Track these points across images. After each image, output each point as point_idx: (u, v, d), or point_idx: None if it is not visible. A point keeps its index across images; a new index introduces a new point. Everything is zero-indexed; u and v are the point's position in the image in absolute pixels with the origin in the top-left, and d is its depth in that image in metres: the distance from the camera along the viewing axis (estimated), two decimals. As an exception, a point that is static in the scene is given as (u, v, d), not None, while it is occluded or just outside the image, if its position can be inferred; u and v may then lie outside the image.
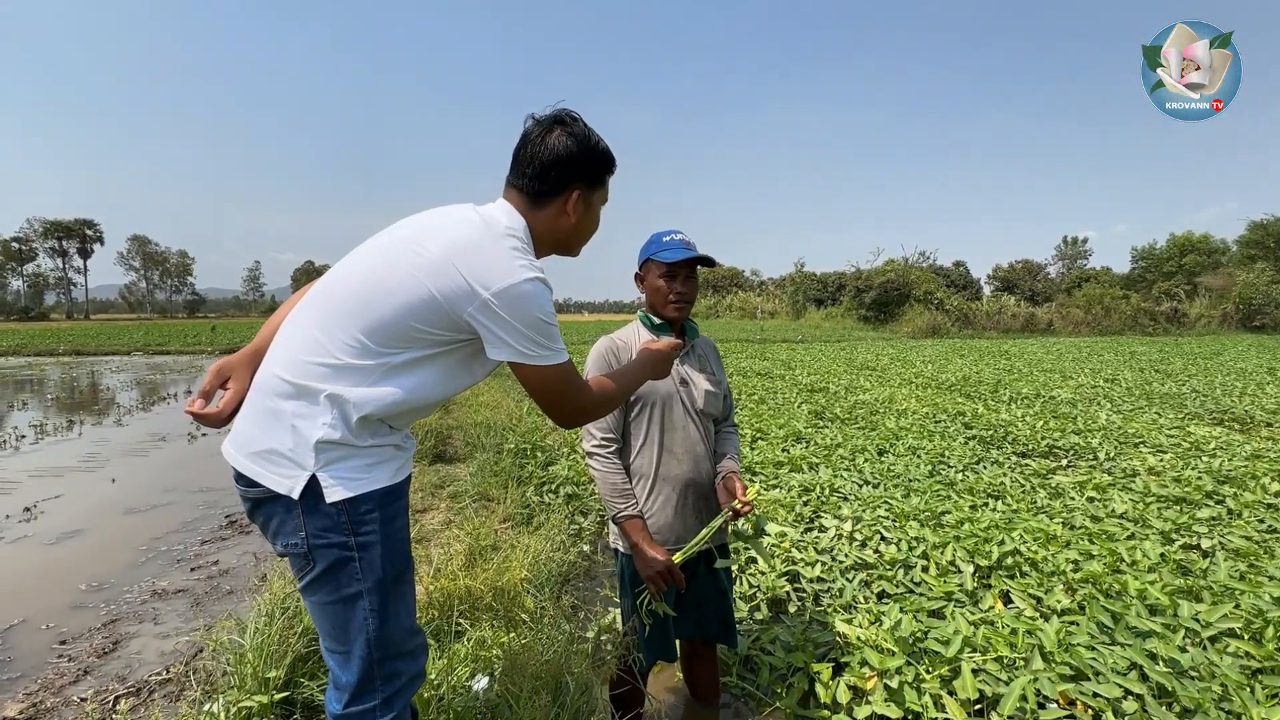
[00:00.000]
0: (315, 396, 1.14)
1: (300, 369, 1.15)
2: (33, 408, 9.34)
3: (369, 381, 1.15)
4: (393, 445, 1.23)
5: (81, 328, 37.84)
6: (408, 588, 1.27)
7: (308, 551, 1.16)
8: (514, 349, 1.17)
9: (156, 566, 3.39)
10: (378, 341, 1.15)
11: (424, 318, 1.16)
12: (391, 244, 1.22)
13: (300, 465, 1.13)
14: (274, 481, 1.14)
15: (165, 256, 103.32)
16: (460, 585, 2.26)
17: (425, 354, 1.20)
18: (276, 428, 1.15)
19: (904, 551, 3.04)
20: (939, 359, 14.04)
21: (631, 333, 1.85)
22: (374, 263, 1.21)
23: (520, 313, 1.15)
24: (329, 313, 1.19)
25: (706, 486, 1.86)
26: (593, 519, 3.77)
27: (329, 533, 1.15)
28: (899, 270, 30.41)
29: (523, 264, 1.17)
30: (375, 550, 1.18)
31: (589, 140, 1.30)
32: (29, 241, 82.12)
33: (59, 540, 3.80)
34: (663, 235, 1.82)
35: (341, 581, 1.18)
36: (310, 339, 1.18)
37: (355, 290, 1.18)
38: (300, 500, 1.14)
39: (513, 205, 1.30)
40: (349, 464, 1.16)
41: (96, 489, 4.95)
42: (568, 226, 1.33)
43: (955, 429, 6.07)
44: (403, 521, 1.26)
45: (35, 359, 18.47)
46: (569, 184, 1.29)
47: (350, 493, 1.15)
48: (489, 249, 1.17)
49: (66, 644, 2.59)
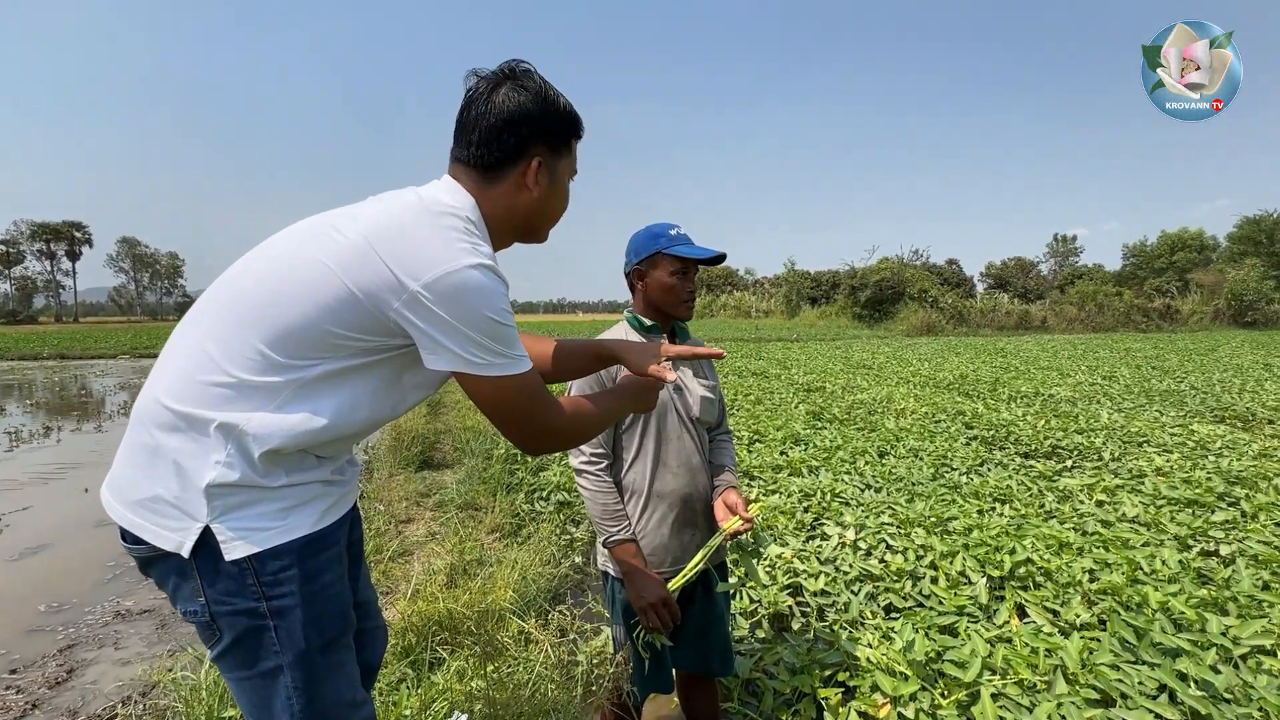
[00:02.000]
0: (205, 427, 0.89)
1: (187, 392, 0.91)
2: (10, 413, 9.10)
3: (274, 404, 0.91)
4: (319, 481, 0.99)
5: (69, 331, 37.37)
6: (345, 655, 1.03)
7: (210, 620, 0.93)
8: (455, 355, 0.92)
9: (123, 584, 3.21)
10: (285, 353, 0.91)
11: (342, 319, 0.91)
12: (303, 230, 0.99)
13: (190, 515, 0.89)
14: (158, 536, 0.90)
15: (155, 259, 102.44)
16: (440, 608, 2.09)
17: (347, 365, 0.95)
18: (158, 468, 0.90)
19: (911, 561, 2.89)
20: (935, 357, 13.95)
21: (620, 334, 1.70)
22: (280, 253, 0.96)
23: (462, 309, 0.91)
24: (224, 319, 0.94)
25: (704, 501, 1.70)
26: (585, 528, 3.61)
27: (233, 597, 0.91)
28: (893, 268, 30.38)
29: (464, 247, 0.93)
30: (294, 615, 0.94)
31: (547, 95, 1.05)
32: (16, 244, 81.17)
33: (21, 556, 3.61)
34: (668, 228, 1.66)
35: (256, 655, 0.94)
36: (200, 353, 0.93)
37: (256, 288, 0.94)
38: (193, 559, 0.90)
39: (459, 182, 1.05)
40: (254, 510, 0.91)
41: (68, 500, 4.75)
42: (530, 203, 1.08)
43: (956, 429, 5.94)
44: (334, 575, 1.00)
45: (18, 363, 18.14)
46: (527, 148, 1.04)
47: (256, 547, 0.91)
48: (420, 230, 0.93)
49: (17, 673, 2.41)
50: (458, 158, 1.07)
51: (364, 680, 1.17)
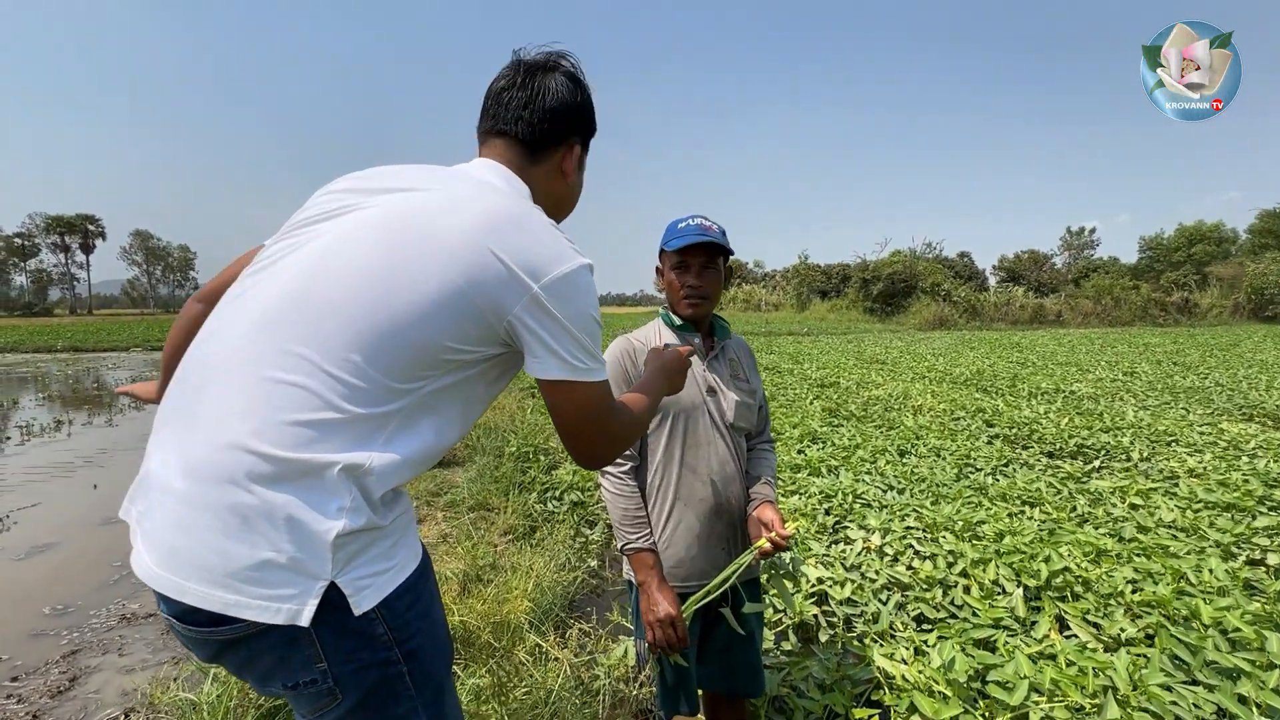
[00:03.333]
0: (321, 473, 0.75)
1: (290, 436, 0.75)
2: (23, 407, 9.12)
3: (385, 435, 0.80)
4: (406, 511, 0.89)
5: (83, 324, 37.69)
6: (452, 678, 0.97)
7: (332, 685, 0.80)
8: (564, 362, 0.85)
9: (129, 586, 3.14)
10: (403, 377, 0.80)
11: (460, 331, 0.82)
12: (390, 221, 0.84)
13: (310, 576, 0.75)
14: (264, 610, 0.74)
15: (167, 251, 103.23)
16: (454, 620, 2.00)
17: (448, 383, 0.85)
18: (262, 529, 0.74)
19: (941, 569, 2.77)
20: (949, 352, 13.75)
21: (651, 333, 1.59)
22: (373, 253, 0.81)
23: (574, 311, 0.86)
24: (320, 344, 0.78)
25: (735, 514, 1.59)
26: (600, 530, 3.51)
27: (362, 652, 0.80)
28: (906, 262, 30.05)
29: (568, 244, 0.88)
30: (426, 652, 0.86)
31: (587, 88, 1.08)
32: (31, 237, 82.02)
33: (28, 555, 3.56)
34: (678, 222, 1.56)
35: (386, 706, 0.84)
36: (293, 391, 0.76)
37: (355, 308, 0.79)
38: (316, 624, 0.76)
39: (506, 162, 1.00)
40: (370, 554, 0.80)
41: (77, 496, 4.71)
42: (561, 190, 1.09)
43: (977, 427, 5.80)
44: (434, 594, 0.92)
45: (33, 356, 18.27)
46: (569, 135, 1.05)
47: (385, 591, 0.80)
48: (528, 224, 0.86)
49: (19, 680, 2.34)
50: (502, 130, 1.02)
51: None
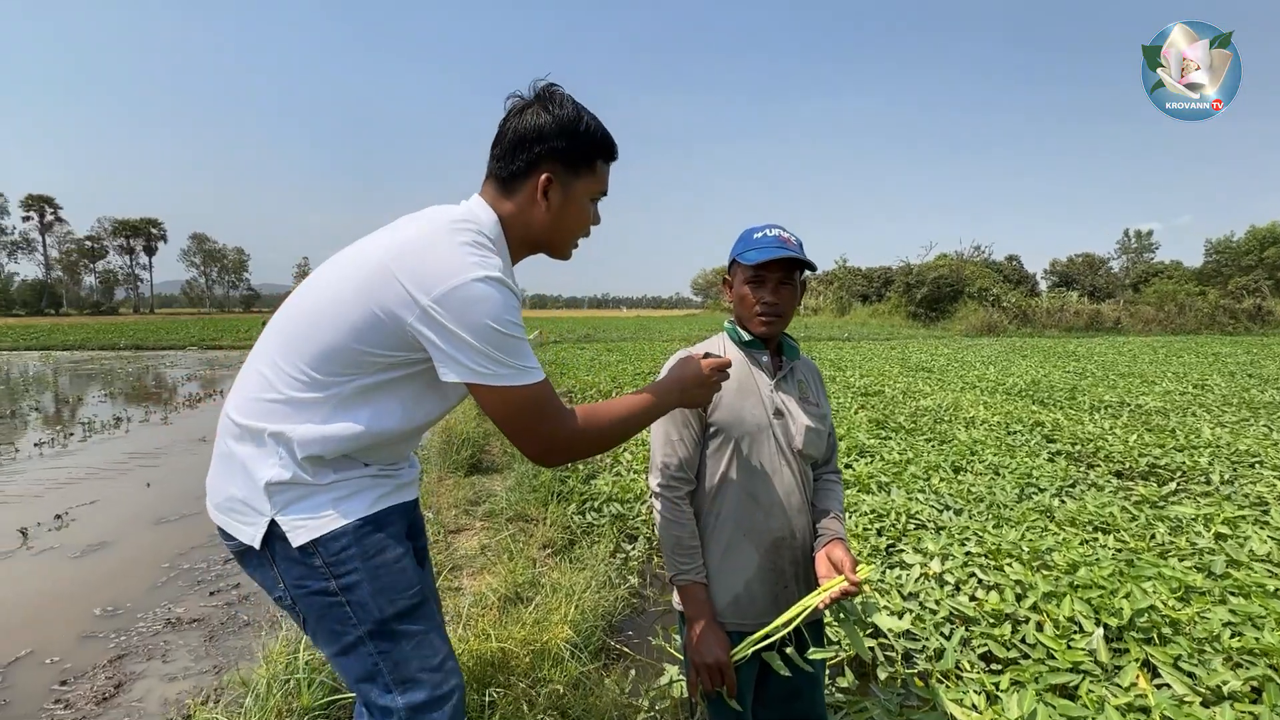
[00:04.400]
0: (260, 437, 1.03)
1: (248, 408, 1.06)
2: (87, 403, 9.54)
3: (319, 418, 1.02)
4: (367, 477, 1.09)
5: (144, 322, 39.61)
6: (424, 624, 1.10)
7: (292, 603, 1.07)
8: (464, 367, 0.98)
9: (176, 589, 3.17)
10: (324, 371, 1.02)
11: (368, 338, 1.00)
12: (336, 263, 1.08)
13: (257, 511, 1.03)
14: (239, 531, 1.05)
15: (223, 253, 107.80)
16: (493, 646, 1.91)
17: (379, 380, 1.04)
18: (232, 473, 1.06)
19: (1009, 601, 2.57)
20: (1000, 360, 13.19)
21: (716, 348, 1.48)
22: (321, 283, 1.07)
23: (468, 321, 0.96)
24: (277, 345, 1.07)
25: (800, 549, 1.46)
26: (642, 545, 3.40)
27: (306, 580, 1.04)
28: (952, 265, 29.09)
29: (473, 260, 0.98)
30: (363, 589, 1.04)
31: (568, 116, 1.11)
32: (100, 240, 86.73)
33: (83, 554, 3.65)
34: (753, 231, 1.45)
35: (336, 631, 1.06)
36: (258, 375, 1.07)
37: (299, 316, 1.06)
38: (266, 549, 1.04)
39: (485, 199, 1.15)
40: (309, 503, 1.04)
41: (131, 495, 4.84)
42: (541, 217, 1.14)
43: (1036, 443, 5.48)
44: (396, 553, 1.09)
45: (98, 353, 19.22)
46: (539, 164, 1.11)
47: (315, 534, 1.02)
48: (431, 246, 0.99)
49: (67, 684, 2.36)
50: (490, 172, 1.16)
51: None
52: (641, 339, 20.99)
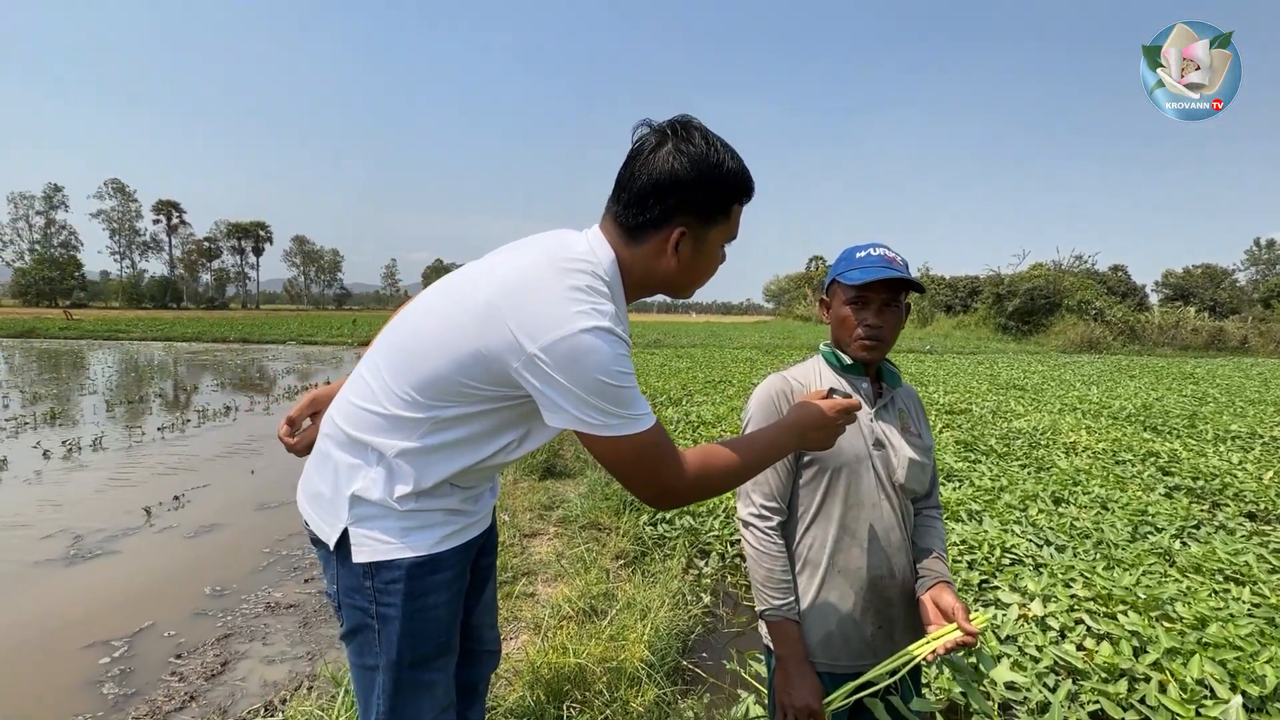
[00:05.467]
0: (362, 448, 1.06)
1: (352, 416, 1.08)
2: (201, 391, 10.45)
3: (415, 437, 1.03)
4: (443, 510, 1.09)
5: (251, 317, 43.06)
6: (435, 677, 1.12)
7: (338, 605, 1.11)
8: (571, 416, 0.95)
9: (275, 574, 3.39)
10: (427, 396, 1.02)
11: (472, 373, 0.99)
12: (451, 286, 1.08)
13: (337, 515, 1.06)
14: (317, 526, 1.09)
15: (320, 254, 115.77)
16: (570, 661, 1.91)
17: (479, 410, 1.03)
18: (325, 472, 1.10)
19: (1125, 655, 2.33)
20: (1103, 380, 12.17)
21: (811, 372, 1.41)
22: (429, 308, 1.08)
23: (575, 373, 0.92)
24: (386, 360, 1.08)
25: (900, 590, 1.37)
26: (714, 561, 3.33)
27: (354, 594, 1.07)
28: (1049, 275, 27.14)
29: (581, 309, 0.93)
30: (393, 626, 1.06)
31: (708, 160, 1.00)
32: (215, 241, 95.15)
33: (197, 534, 3.97)
34: (856, 250, 1.38)
35: (363, 649, 1.09)
36: (365, 384, 1.09)
37: (408, 339, 1.07)
38: (335, 552, 1.07)
39: (605, 234, 1.07)
40: (380, 524, 1.05)
41: (237, 480, 5.24)
42: (667, 268, 1.06)
43: (1150, 475, 4.99)
44: (439, 599, 1.09)
45: (211, 345, 21.06)
46: (672, 217, 1.02)
47: (373, 557, 1.04)
48: (542, 290, 0.95)
49: (181, 658, 2.56)
50: (609, 209, 1.08)
51: (462, 698, 1.26)
52: (711, 345, 20.80)
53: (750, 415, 1.39)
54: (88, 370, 13.33)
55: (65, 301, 63.68)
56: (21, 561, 3.50)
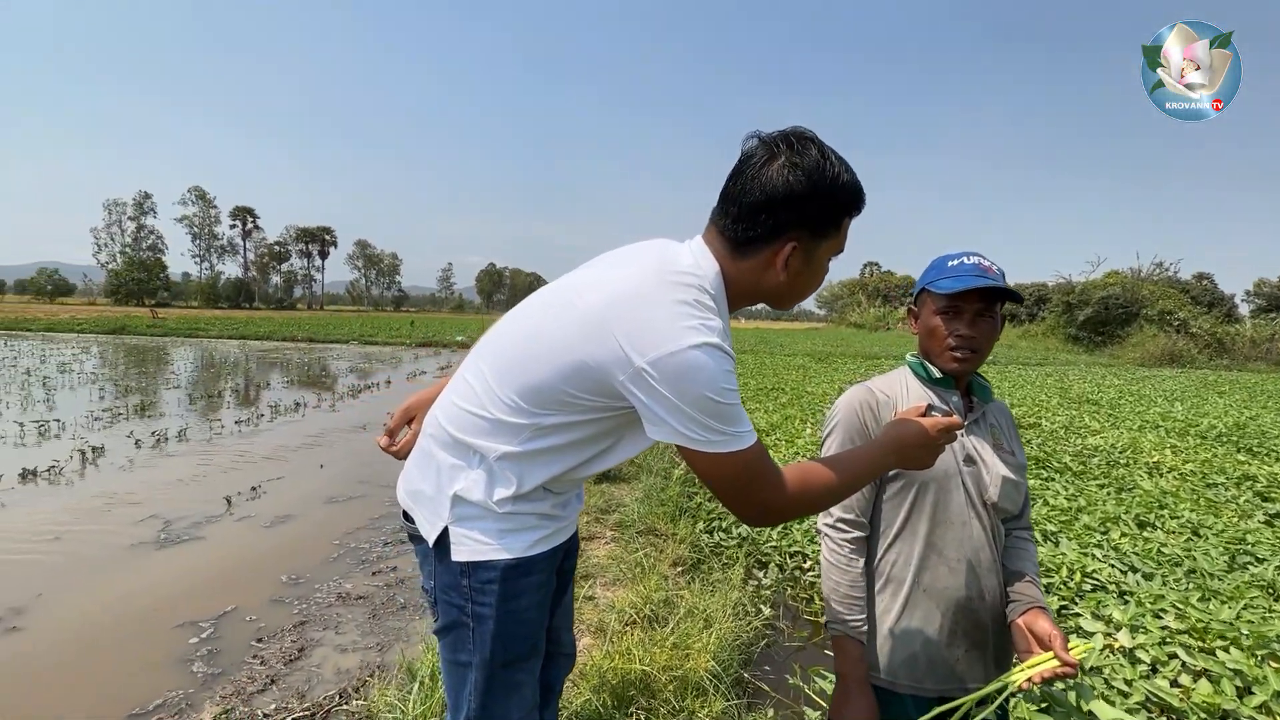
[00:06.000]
0: (465, 450, 1.08)
1: (456, 418, 1.10)
2: (272, 388, 11.02)
3: (517, 442, 1.05)
4: (537, 514, 1.11)
5: (316, 317, 45.15)
6: (523, 677, 1.15)
7: (434, 600, 1.14)
8: (675, 430, 0.95)
9: (345, 565, 3.53)
10: (531, 402, 1.04)
11: (576, 383, 1.00)
12: (555, 294, 1.09)
13: (438, 514, 1.09)
14: (420, 523, 1.12)
15: (380, 258, 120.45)
16: (636, 667, 1.91)
17: (581, 419, 1.05)
18: (428, 471, 1.13)
19: (1227, 695, 2.16)
20: (1189, 395, 11.36)
21: (897, 384, 1.37)
22: (535, 314, 1.09)
23: (682, 388, 0.92)
24: (491, 364, 1.10)
25: (987, 614, 1.31)
26: (772, 573, 3.28)
27: (451, 591, 1.10)
28: (1126, 283, 25.58)
29: (691, 324, 0.93)
30: (488, 626, 1.09)
31: (823, 174, 0.98)
32: (285, 245, 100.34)
33: (273, 524, 4.18)
34: (948, 259, 1.33)
35: (456, 645, 1.12)
36: (469, 386, 1.12)
37: (512, 345, 1.09)
38: (434, 549, 1.10)
39: (709, 246, 1.06)
40: (479, 525, 1.08)
41: (308, 474, 5.48)
42: (775, 283, 1.05)
43: (1247, 500, 4.62)
44: (531, 601, 1.12)
45: (281, 344, 22.19)
46: (784, 231, 1.00)
47: (472, 557, 1.07)
48: (650, 304, 0.95)
49: (262, 642, 2.69)
50: (714, 222, 1.07)
51: (541, 698, 1.26)
52: (761, 352, 20.51)
53: (833, 426, 1.36)
54: (172, 366, 14.25)
55: (151, 301, 68.36)
56: (119, 544, 3.76)
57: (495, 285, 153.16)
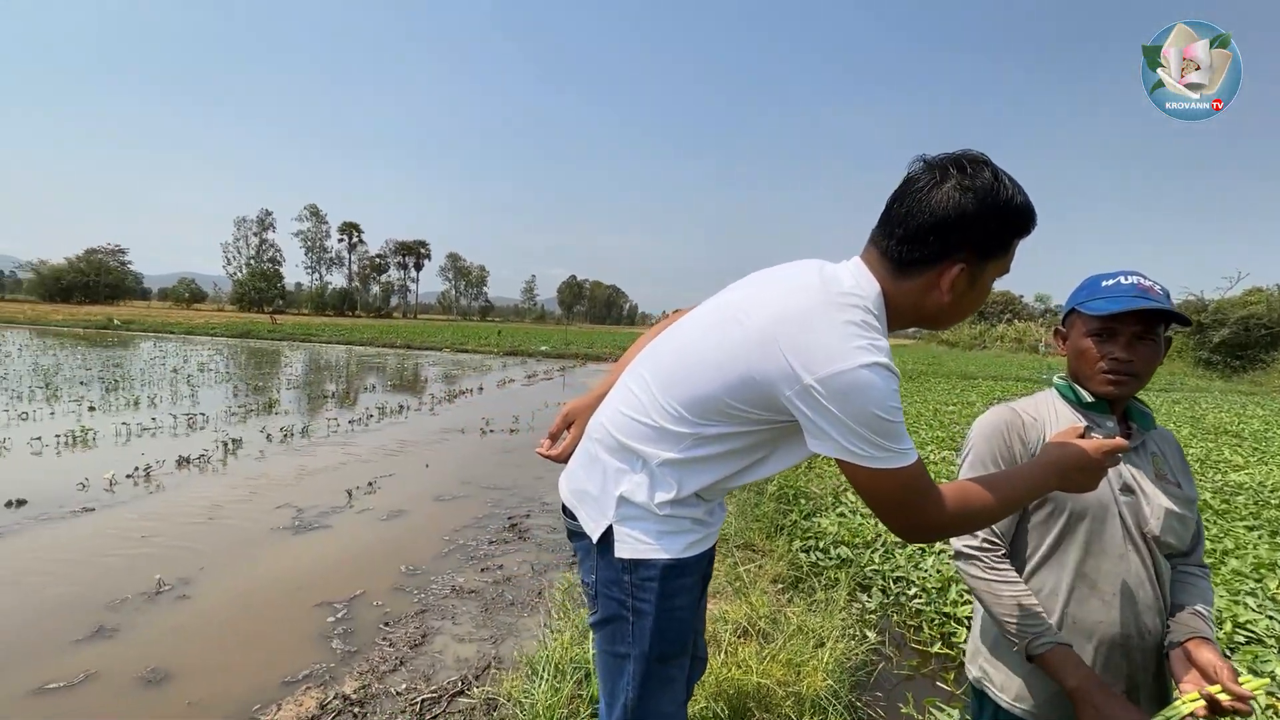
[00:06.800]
0: (631, 455, 1.15)
1: (621, 424, 1.17)
2: (377, 391, 11.83)
3: (680, 448, 1.11)
4: (691, 518, 1.16)
5: (411, 325, 48.01)
6: (675, 673, 1.21)
7: (595, 594, 1.20)
8: (838, 444, 0.97)
9: (455, 561, 3.75)
10: (694, 413, 1.09)
11: (739, 395, 1.05)
12: (720, 310, 1.14)
13: (603, 513, 1.16)
14: (584, 521, 1.19)
15: (469, 270, 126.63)
16: (753, 681, 1.93)
17: (741, 430, 1.09)
18: (593, 472, 1.20)
19: None
20: (1353, 431, 9.96)
21: (1044, 406, 1.33)
22: (699, 329, 1.15)
23: (851, 406, 0.95)
24: (654, 374, 1.17)
25: (1151, 654, 1.23)
26: (876, 596, 3.18)
27: (612, 586, 1.17)
28: (1273, 301, 22.82)
29: (860, 344, 0.95)
30: (648, 621, 1.15)
31: (995, 196, 0.98)
32: (384, 257, 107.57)
33: (389, 518, 4.49)
34: (1102, 279, 1.28)
35: (615, 638, 1.19)
36: (632, 394, 1.19)
37: (677, 358, 1.15)
38: (597, 545, 1.17)
39: (869, 267, 1.08)
40: (641, 525, 1.14)
41: (415, 473, 5.85)
42: (938, 304, 1.05)
43: None
44: (685, 601, 1.18)
45: (382, 349, 23.76)
46: (951, 253, 1.01)
47: (634, 554, 1.14)
48: (818, 323, 0.98)
49: (389, 626, 2.91)
50: (875, 242, 1.09)
51: None
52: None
53: (971, 446, 1.34)
54: (290, 368, 15.60)
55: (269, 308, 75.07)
56: (261, 527, 4.18)
57: (575, 297, 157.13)
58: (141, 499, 4.68)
